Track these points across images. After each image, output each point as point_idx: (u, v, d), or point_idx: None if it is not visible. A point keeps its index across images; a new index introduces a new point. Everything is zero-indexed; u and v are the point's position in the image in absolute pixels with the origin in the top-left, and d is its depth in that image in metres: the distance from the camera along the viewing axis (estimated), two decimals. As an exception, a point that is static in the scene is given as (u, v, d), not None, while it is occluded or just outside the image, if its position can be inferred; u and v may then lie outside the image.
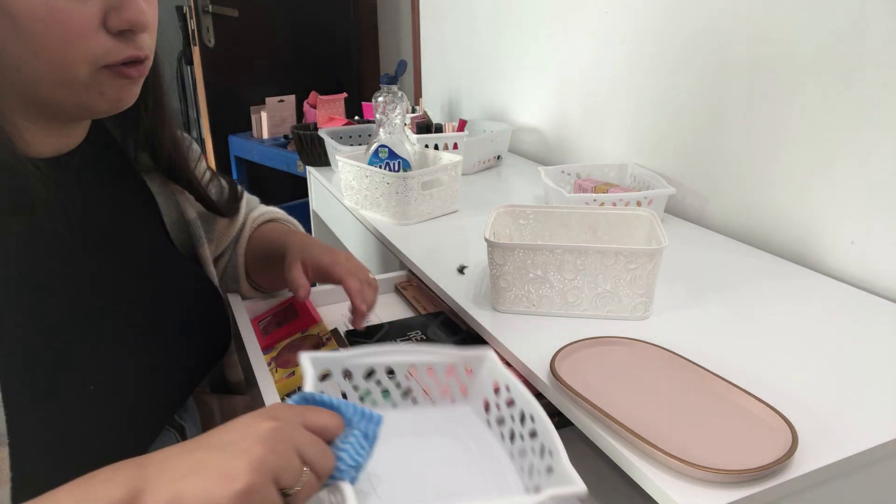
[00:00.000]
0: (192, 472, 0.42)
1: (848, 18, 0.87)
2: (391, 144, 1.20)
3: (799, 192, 0.98)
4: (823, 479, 0.56)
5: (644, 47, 1.23)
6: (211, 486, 0.42)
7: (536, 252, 0.78)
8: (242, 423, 0.46)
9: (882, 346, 0.74)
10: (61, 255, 0.62)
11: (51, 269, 0.60)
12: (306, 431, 0.47)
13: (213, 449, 0.44)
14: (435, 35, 2.12)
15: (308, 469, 0.45)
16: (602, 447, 0.60)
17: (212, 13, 2.51)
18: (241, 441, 0.44)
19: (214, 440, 0.45)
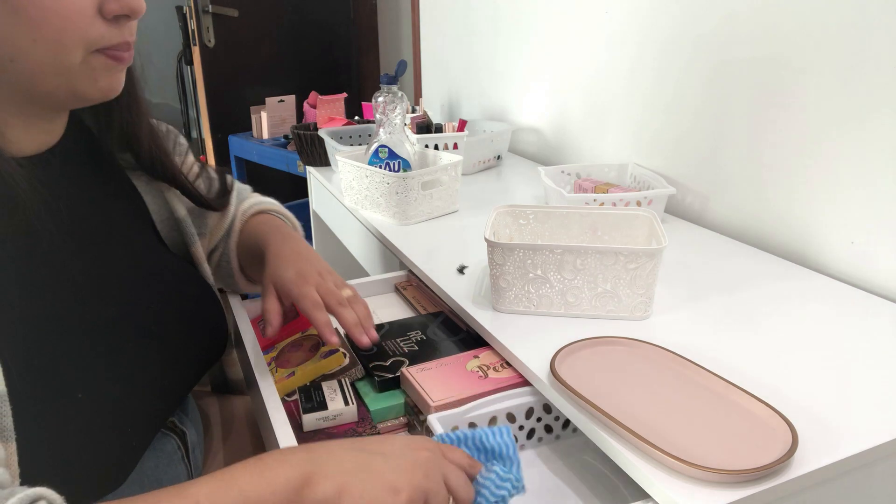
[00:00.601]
0: (361, 471, 0.47)
1: (848, 18, 0.87)
2: (391, 144, 1.20)
3: (799, 192, 0.98)
4: (823, 479, 0.56)
5: (644, 47, 1.23)
6: (376, 491, 0.47)
7: (536, 252, 0.78)
8: (401, 444, 0.51)
9: (882, 346, 0.74)
10: (52, 257, 0.61)
11: (43, 270, 0.60)
12: (452, 464, 0.51)
13: (378, 456, 0.49)
14: (435, 35, 2.12)
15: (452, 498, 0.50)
16: (602, 447, 0.60)
17: (212, 13, 2.51)
18: (403, 459, 0.49)
19: (377, 447, 0.50)
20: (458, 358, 0.78)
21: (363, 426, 0.71)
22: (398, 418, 0.76)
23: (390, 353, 0.82)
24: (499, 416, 0.70)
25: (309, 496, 0.46)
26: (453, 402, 0.69)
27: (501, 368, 0.76)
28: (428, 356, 0.80)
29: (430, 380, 0.73)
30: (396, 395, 0.76)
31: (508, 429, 0.57)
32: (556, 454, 0.72)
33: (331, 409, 0.71)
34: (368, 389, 0.78)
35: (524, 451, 0.72)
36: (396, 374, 0.77)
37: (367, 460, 0.48)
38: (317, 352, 0.80)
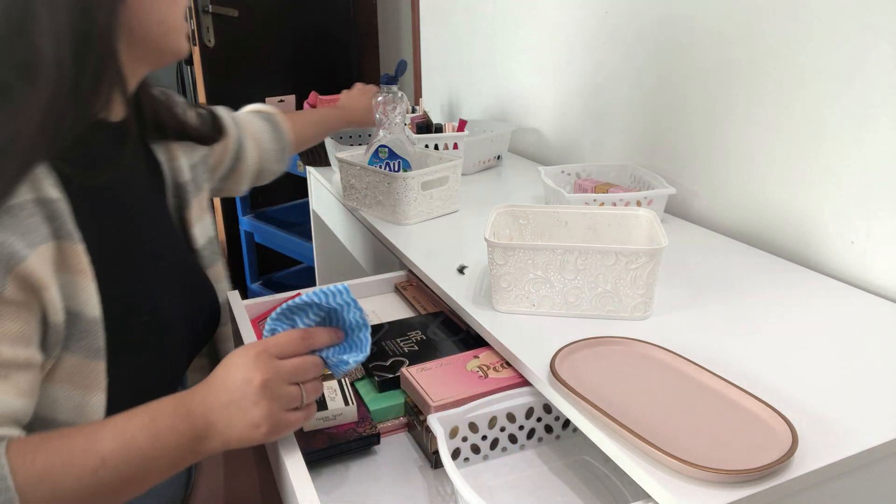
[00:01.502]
0: (229, 425, 0.58)
1: (848, 18, 0.87)
2: (391, 144, 1.20)
3: (799, 192, 0.98)
4: (823, 479, 0.56)
5: (644, 48, 1.23)
6: (247, 433, 0.58)
7: (537, 252, 0.78)
8: (240, 380, 0.58)
9: (882, 346, 0.74)
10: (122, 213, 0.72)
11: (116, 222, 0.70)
12: (287, 364, 0.59)
13: (233, 406, 0.57)
14: (435, 35, 2.12)
15: (303, 385, 0.60)
16: (602, 447, 0.60)
17: (212, 13, 2.51)
18: (247, 397, 0.57)
19: (225, 397, 0.58)
20: (458, 358, 0.78)
21: (363, 426, 0.71)
22: (398, 418, 0.76)
23: (390, 353, 0.82)
24: (499, 416, 0.70)
25: (200, 449, 0.58)
26: (453, 402, 0.69)
27: (501, 368, 0.76)
28: (428, 356, 0.80)
29: (430, 380, 0.73)
30: (396, 395, 0.76)
31: (346, 287, 0.63)
32: (556, 454, 0.72)
33: (331, 409, 0.71)
34: (368, 389, 0.78)
35: (524, 450, 0.72)
36: (396, 374, 0.77)
37: (228, 416, 0.58)
38: None
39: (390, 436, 0.75)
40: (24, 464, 0.53)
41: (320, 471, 0.69)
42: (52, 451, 0.54)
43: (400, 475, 0.69)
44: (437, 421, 0.65)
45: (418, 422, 0.72)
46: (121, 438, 0.56)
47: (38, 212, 0.58)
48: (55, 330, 0.59)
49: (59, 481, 0.54)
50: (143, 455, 0.56)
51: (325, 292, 0.63)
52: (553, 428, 0.73)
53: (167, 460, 0.57)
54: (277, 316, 0.64)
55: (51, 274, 0.59)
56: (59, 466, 0.54)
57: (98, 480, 0.55)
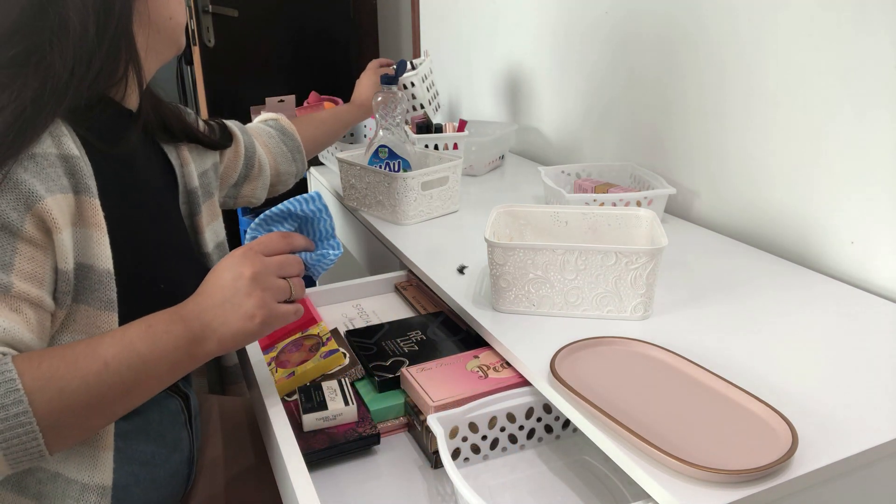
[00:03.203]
0: (224, 322, 0.61)
1: (848, 19, 0.87)
2: (391, 144, 1.20)
3: (799, 192, 0.98)
4: (823, 479, 0.56)
5: (644, 48, 1.23)
6: (241, 325, 0.62)
7: (537, 252, 0.78)
8: (230, 278, 0.62)
9: (882, 346, 0.74)
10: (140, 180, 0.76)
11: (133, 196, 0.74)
12: (273, 259, 0.65)
13: (227, 303, 0.61)
14: (435, 35, 2.12)
15: (289, 279, 0.66)
16: (602, 447, 0.60)
17: (212, 13, 2.51)
18: (239, 292, 0.62)
19: (218, 297, 0.62)
20: (458, 358, 0.78)
21: (363, 426, 0.71)
22: (398, 418, 0.76)
23: (390, 353, 0.82)
24: (499, 416, 0.70)
25: (198, 352, 0.61)
26: (453, 402, 0.69)
27: (501, 368, 0.76)
28: (428, 356, 0.80)
29: (430, 380, 0.73)
30: (396, 395, 0.76)
31: (318, 194, 0.70)
32: (556, 454, 0.72)
33: (331, 409, 0.71)
34: (368, 389, 0.78)
35: (524, 450, 0.72)
36: (396, 374, 0.77)
37: (222, 312, 0.61)
38: (317, 352, 0.80)
39: (390, 436, 0.75)
40: (31, 368, 0.55)
41: (320, 471, 0.69)
42: (57, 356, 0.57)
43: (400, 475, 0.69)
44: (437, 421, 0.65)
45: (418, 422, 0.72)
46: (120, 343, 0.58)
47: (59, 164, 0.62)
48: (64, 279, 0.62)
49: (65, 383, 0.55)
50: (142, 359, 0.59)
51: (299, 199, 0.70)
52: (553, 428, 0.73)
53: (166, 364, 0.60)
54: (256, 226, 0.71)
55: (66, 222, 0.61)
56: (63, 369, 0.56)
57: (101, 382, 0.57)
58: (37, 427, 0.54)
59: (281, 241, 0.67)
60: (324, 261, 0.72)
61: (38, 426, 0.54)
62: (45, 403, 0.54)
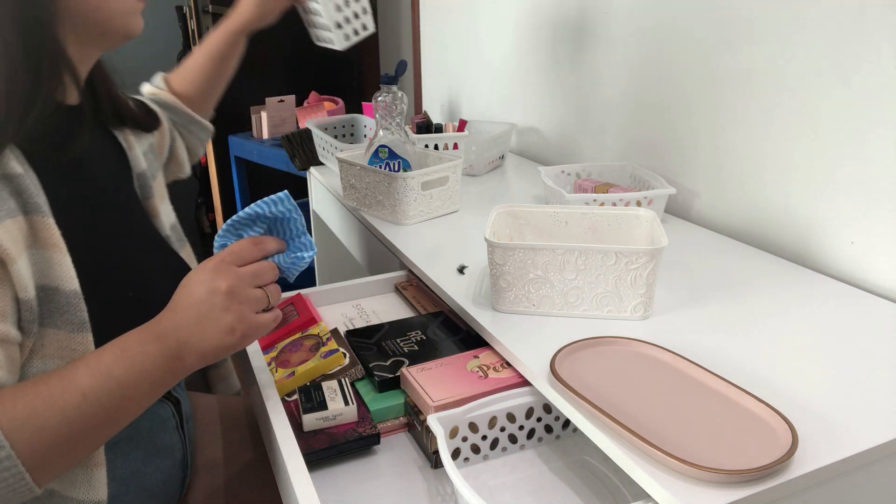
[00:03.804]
0: (203, 338, 0.60)
1: (848, 18, 0.87)
2: (391, 144, 1.20)
3: (799, 192, 0.98)
4: (823, 479, 0.56)
5: (644, 47, 1.23)
6: (222, 340, 0.60)
7: (537, 252, 0.78)
8: (205, 292, 0.60)
9: (882, 346, 0.74)
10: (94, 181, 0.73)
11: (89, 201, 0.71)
12: (246, 269, 0.63)
13: (204, 320, 0.60)
14: (435, 35, 2.12)
15: (266, 287, 0.64)
16: (602, 447, 0.60)
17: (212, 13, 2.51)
18: (216, 307, 0.60)
19: (194, 313, 0.60)
20: (458, 358, 0.78)
21: (363, 426, 0.71)
22: (398, 418, 0.76)
23: (390, 353, 0.82)
24: (499, 416, 0.70)
25: (177, 368, 0.60)
26: (453, 402, 0.69)
27: (501, 368, 0.76)
28: (428, 356, 0.80)
29: (430, 380, 0.73)
30: (396, 395, 0.76)
31: (287, 194, 0.68)
32: (556, 454, 0.72)
33: (331, 409, 0.71)
34: (368, 389, 0.78)
35: (524, 450, 0.72)
36: (396, 374, 0.77)
37: (202, 328, 0.60)
38: (317, 352, 0.80)
39: (390, 436, 0.75)
40: (5, 410, 0.53)
41: (320, 471, 0.69)
42: (31, 394, 0.55)
43: (400, 475, 0.69)
44: (437, 421, 0.65)
45: (418, 422, 0.72)
46: (96, 371, 0.57)
47: (3, 187, 0.59)
48: (27, 307, 0.59)
49: (44, 421, 0.54)
50: (120, 384, 0.57)
51: (267, 202, 0.67)
52: (553, 428, 0.73)
53: (146, 385, 0.59)
54: (224, 232, 0.67)
55: (20, 249, 0.58)
56: (40, 407, 0.54)
57: (82, 414, 0.56)
58: (22, 468, 0.53)
59: (252, 248, 0.65)
60: (298, 263, 0.69)
61: (22, 467, 0.53)
62: (26, 444, 0.53)
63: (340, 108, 2.19)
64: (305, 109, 2.09)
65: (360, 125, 1.72)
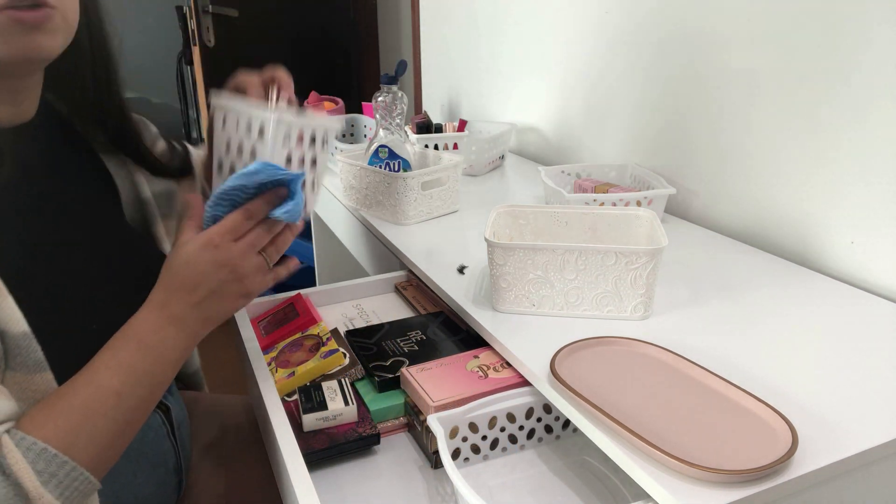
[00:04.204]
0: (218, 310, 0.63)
1: (848, 18, 0.87)
2: (391, 144, 1.20)
3: (799, 192, 0.98)
4: (823, 479, 0.56)
5: (644, 47, 1.23)
6: (234, 307, 0.64)
7: (537, 252, 0.78)
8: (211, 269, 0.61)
9: (882, 346, 0.74)
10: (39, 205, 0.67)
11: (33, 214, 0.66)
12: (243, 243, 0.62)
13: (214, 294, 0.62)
14: (435, 35, 2.12)
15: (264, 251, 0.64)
16: (602, 447, 0.60)
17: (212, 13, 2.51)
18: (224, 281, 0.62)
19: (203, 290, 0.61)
20: (457, 358, 0.78)
21: (363, 426, 0.71)
22: (398, 418, 0.76)
23: (390, 353, 0.82)
24: (499, 416, 0.70)
25: (198, 338, 0.63)
26: (453, 402, 0.69)
27: (501, 368, 0.76)
28: (428, 356, 0.80)
29: (430, 380, 0.73)
30: (396, 395, 0.76)
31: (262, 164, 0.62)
32: (556, 454, 0.72)
33: (331, 409, 0.71)
34: (368, 389, 0.78)
35: (524, 451, 0.72)
36: (396, 374, 0.77)
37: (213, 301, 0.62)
38: (317, 352, 0.80)
39: (390, 436, 0.75)
40: (51, 430, 0.54)
41: (320, 471, 0.69)
42: (66, 408, 0.56)
43: (400, 475, 0.69)
44: (437, 421, 0.65)
45: (418, 422, 0.72)
46: (120, 370, 0.58)
47: None
48: None
49: (92, 429, 0.56)
50: (149, 372, 0.60)
51: (246, 173, 0.62)
52: (553, 428, 0.73)
53: (172, 364, 0.62)
54: (214, 203, 0.64)
55: None
56: (82, 418, 0.56)
57: (123, 411, 0.58)
58: (88, 474, 0.56)
59: (244, 222, 0.63)
60: (293, 210, 0.64)
61: (88, 472, 0.56)
62: (83, 453, 0.56)
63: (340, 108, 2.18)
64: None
65: (360, 125, 1.72)
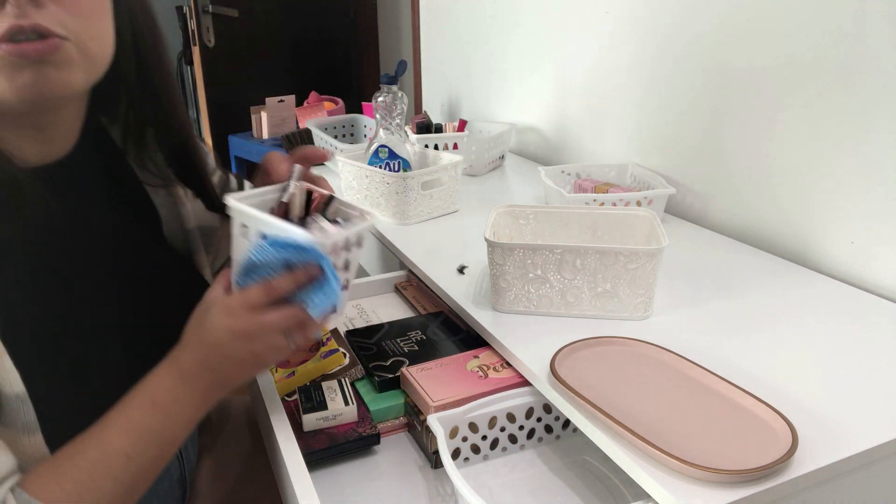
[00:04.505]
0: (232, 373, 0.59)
1: (848, 19, 0.87)
2: (391, 144, 1.20)
3: (799, 192, 0.98)
4: (823, 479, 0.56)
5: (644, 47, 1.23)
6: (250, 374, 0.61)
7: (536, 252, 0.78)
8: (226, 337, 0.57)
9: (882, 346, 0.74)
10: (61, 262, 0.62)
11: (53, 274, 0.61)
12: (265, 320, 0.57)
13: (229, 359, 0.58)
14: (435, 35, 2.12)
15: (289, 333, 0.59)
16: (602, 447, 0.60)
17: (212, 13, 2.51)
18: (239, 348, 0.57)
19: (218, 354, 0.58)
20: (458, 358, 0.78)
21: (363, 426, 0.71)
22: (398, 418, 0.76)
23: (390, 353, 0.82)
24: (499, 416, 0.70)
25: (211, 402, 0.60)
26: (453, 402, 0.69)
27: (501, 368, 0.76)
28: (428, 356, 0.80)
29: (430, 380, 0.73)
30: (396, 395, 0.76)
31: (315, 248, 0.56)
32: (556, 454, 0.72)
33: (331, 409, 0.71)
34: (368, 389, 0.78)
35: (524, 450, 0.72)
36: (396, 374, 0.77)
37: (228, 364, 0.58)
38: (317, 352, 0.80)
39: (390, 436, 0.75)
40: (54, 493, 0.53)
41: (320, 471, 0.69)
42: (73, 470, 0.54)
43: (400, 475, 0.69)
44: (437, 421, 0.65)
45: (418, 422, 0.72)
46: (131, 430, 0.56)
47: None
48: None
49: (98, 491, 0.54)
50: (160, 433, 0.58)
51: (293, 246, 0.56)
52: (553, 428, 0.73)
53: (184, 424, 0.59)
54: (242, 272, 0.59)
55: None
56: (89, 480, 0.54)
57: (132, 472, 0.56)
58: None
59: (264, 296, 0.57)
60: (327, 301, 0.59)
61: None
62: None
63: (340, 108, 2.19)
64: (305, 109, 2.09)
65: (360, 125, 1.72)
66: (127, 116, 0.72)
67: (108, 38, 0.61)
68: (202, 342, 0.59)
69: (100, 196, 0.69)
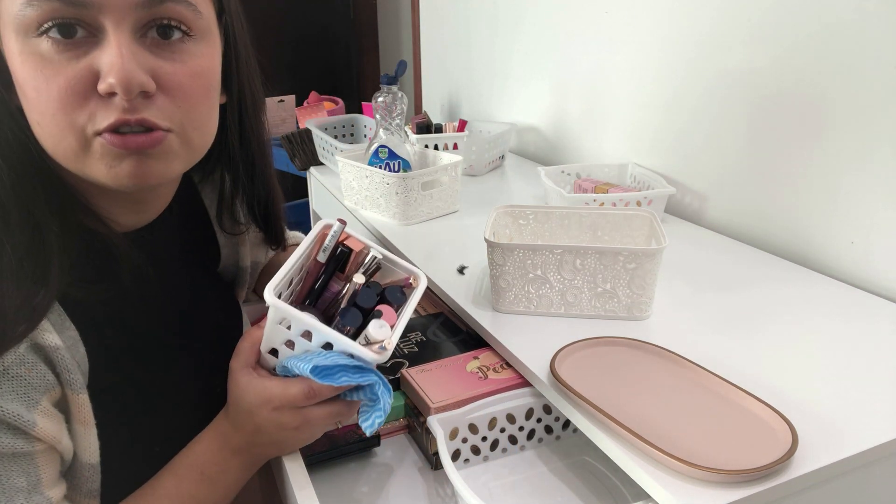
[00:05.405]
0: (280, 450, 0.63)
1: (848, 19, 0.87)
2: (391, 145, 1.20)
3: (799, 192, 0.98)
4: (823, 479, 0.56)
5: (644, 47, 1.23)
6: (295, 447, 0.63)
7: (536, 252, 0.78)
8: (273, 427, 0.60)
9: (882, 346, 0.74)
10: (144, 325, 0.64)
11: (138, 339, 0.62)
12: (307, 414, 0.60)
13: (275, 441, 0.61)
14: (435, 35, 2.12)
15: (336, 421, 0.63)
16: (602, 447, 0.60)
17: (211, 13, 2.51)
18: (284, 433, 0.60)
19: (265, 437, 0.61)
20: (457, 359, 0.78)
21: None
22: (398, 420, 0.76)
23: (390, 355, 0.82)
24: (499, 417, 0.70)
25: (255, 470, 0.64)
26: (453, 403, 0.69)
27: (501, 369, 0.76)
28: (428, 357, 0.80)
29: (430, 381, 0.73)
30: (396, 396, 0.76)
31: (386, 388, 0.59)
32: (556, 454, 0.72)
33: (331, 410, 0.70)
34: (368, 390, 0.78)
35: (524, 451, 0.72)
36: (396, 375, 0.77)
37: (276, 443, 0.61)
38: None
39: (390, 437, 0.75)
40: None
41: (320, 473, 0.69)
42: None
43: (400, 477, 0.69)
44: (437, 422, 0.65)
45: (418, 423, 0.72)
46: (181, 500, 0.59)
47: (37, 360, 0.51)
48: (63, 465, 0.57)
49: None
50: (208, 499, 0.61)
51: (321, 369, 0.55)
52: (553, 428, 0.73)
53: (234, 488, 0.63)
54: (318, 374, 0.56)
55: (60, 426, 0.53)
56: None
57: None
58: None
59: (304, 400, 0.58)
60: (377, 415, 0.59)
61: None
62: None
63: (340, 108, 2.19)
64: (305, 109, 2.09)
65: (360, 125, 1.72)
66: (222, 181, 0.74)
67: (212, 126, 0.61)
68: (250, 423, 0.61)
69: (180, 254, 0.71)
